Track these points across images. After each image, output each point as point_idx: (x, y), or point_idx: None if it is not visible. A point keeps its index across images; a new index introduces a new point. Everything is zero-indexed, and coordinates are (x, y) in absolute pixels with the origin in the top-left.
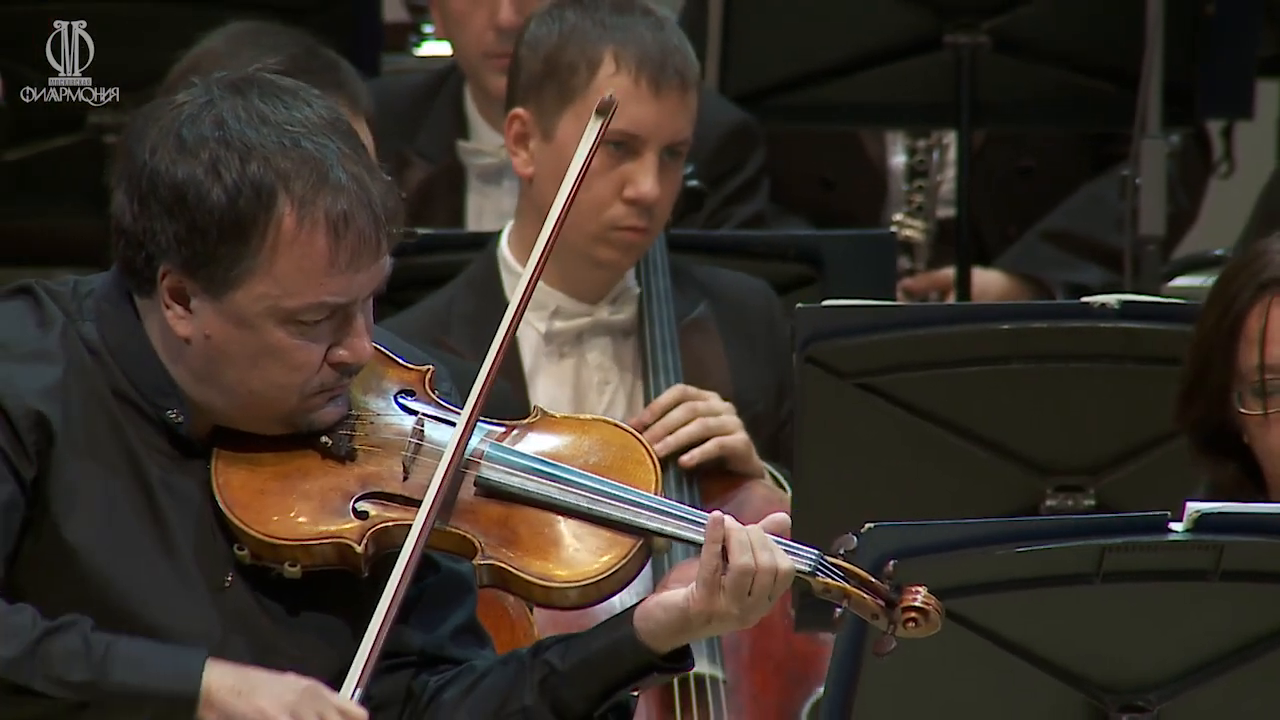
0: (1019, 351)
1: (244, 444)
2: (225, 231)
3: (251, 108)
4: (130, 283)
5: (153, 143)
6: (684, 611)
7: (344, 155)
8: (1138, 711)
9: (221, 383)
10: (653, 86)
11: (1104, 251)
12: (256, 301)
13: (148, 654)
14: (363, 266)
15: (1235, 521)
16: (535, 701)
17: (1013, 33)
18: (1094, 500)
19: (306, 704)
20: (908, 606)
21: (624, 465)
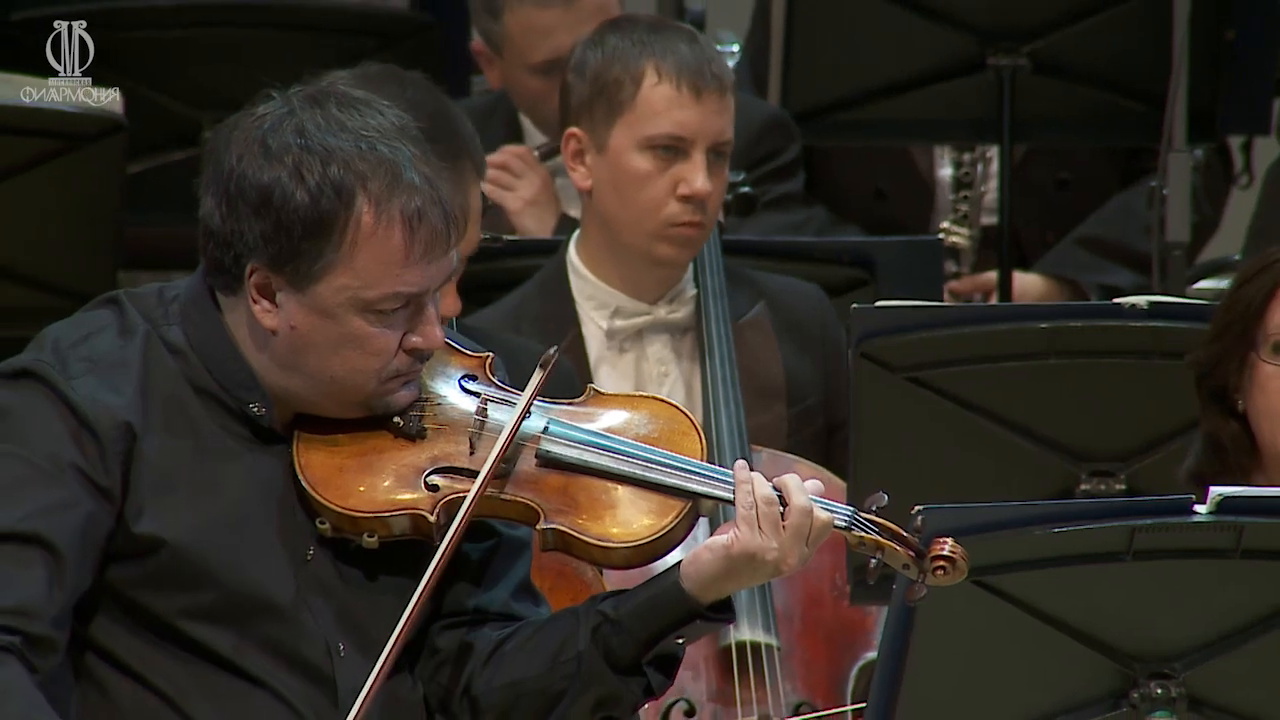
0: (1056, 348)
1: (322, 427)
2: (309, 229)
3: (330, 116)
4: (218, 281)
5: (238, 151)
6: (727, 550)
7: (415, 158)
8: (1165, 679)
9: (305, 370)
10: (694, 91)
11: (1133, 256)
12: (338, 293)
13: None
14: (434, 259)
15: (1255, 504)
16: (588, 648)
17: (1050, 56)
18: (1125, 485)
19: None
20: (936, 556)
21: (671, 436)
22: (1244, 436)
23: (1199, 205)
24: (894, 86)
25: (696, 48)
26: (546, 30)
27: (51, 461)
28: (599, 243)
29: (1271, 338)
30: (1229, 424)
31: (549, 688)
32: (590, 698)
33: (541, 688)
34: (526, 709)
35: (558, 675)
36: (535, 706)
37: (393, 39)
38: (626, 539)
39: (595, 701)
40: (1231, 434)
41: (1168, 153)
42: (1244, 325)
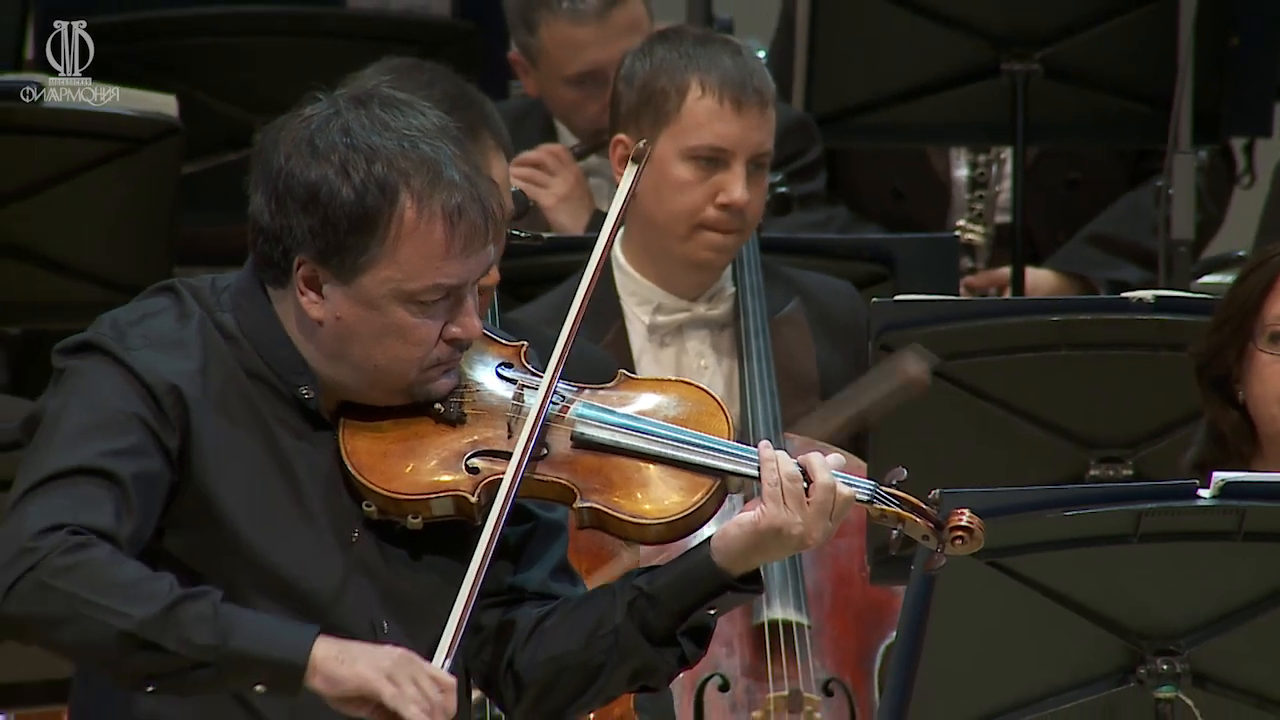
0: (1067, 340)
1: (367, 414)
2: (354, 224)
3: (374, 116)
4: (267, 275)
5: (287, 150)
6: (755, 525)
7: (456, 156)
8: (1170, 655)
9: (350, 359)
10: (735, 105)
11: (1141, 253)
12: (382, 285)
13: (266, 626)
14: (473, 253)
15: (1255, 489)
16: (624, 621)
17: (1061, 62)
18: (1132, 470)
19: (401, 670)
20: (954, 526)
21: (699, 417)
22: (1244, 425)
23: (1203, 204)
24: (912, 91)
25: (740, 61)
26: (579, 45)
27: (120, 413)
28: (642, 243)
29: (1269, 328)
30: (1229, 413)
31: (589, 661)
32: (628, 668)
33: (581, 661)
34: (567, 681)
35: (596, 649)
36: (576, 679)
37: (435, 46)
38: (660, 515)
39: (632, 672)
40: (1232, 422)
41: (1173, 154)
42: (1243, 317)
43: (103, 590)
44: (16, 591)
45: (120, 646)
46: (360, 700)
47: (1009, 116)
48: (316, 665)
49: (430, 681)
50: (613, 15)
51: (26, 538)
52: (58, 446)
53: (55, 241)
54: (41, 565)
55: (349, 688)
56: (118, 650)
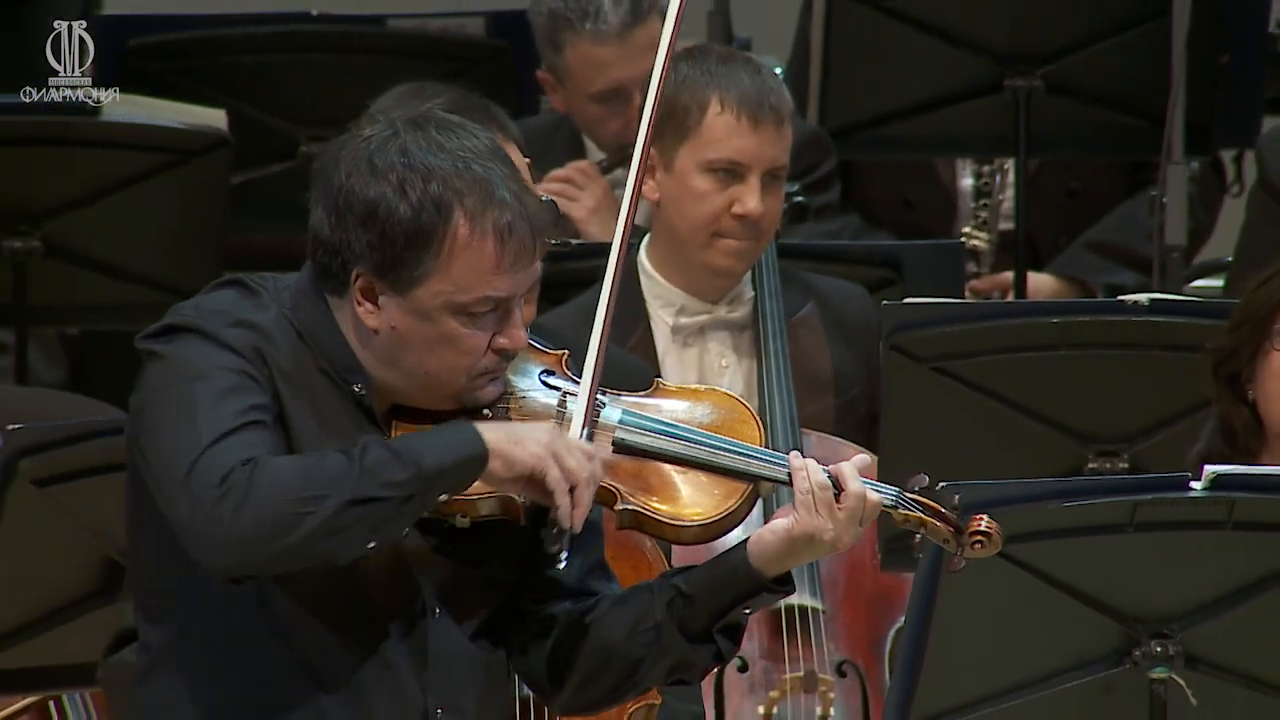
0: (1066, 341)
1: (417, 417)
2: (410, 240)
3: (430, 138)
4: (325, 284)
5: (347, 168)
6: (788, 531)
7: (506, 176)
8: (1164, 638)
9: (404, 366)
10: (752, 122)
11: (1136, 258)
12: (435, 297)
13: (432, 440)
14: (522, 268)
15: (1245, 481)
16: (664, 618)
17: (1062, 78)
18: (1128, 463)
19: (559, 443)
20: (974, 531)
21: (732, 424)
22: (1253, 421)
23: (1195, 212)
24: (920, 106)
25: (758, 80)
26: (602, 64)
27: (237, 375)
28: (665, 249)
29: None
30: (1240, 409)
31: (629, 654)
32: (666, 663)
33: (622, 654)
34: (608, 673)
35: (636, 643)
36: (616, 671)
37: (470, 63)
38: (696, 518)
39: (670, 666)
40: (1242, 418)
41: (1167, 165)
42: (1260, 319)
43: (300, 487)
44: (233, 536)
45: (340, 520)
46: (528, 479)
47: (1012, 129)
48: (492, 450)
49: (581, 454)
50: (634, 35)
51: (213, 489)
52: (203, 419)
53: (112, 247)
54: (238, 504)
55: (522, 468)
56: (340, 524)
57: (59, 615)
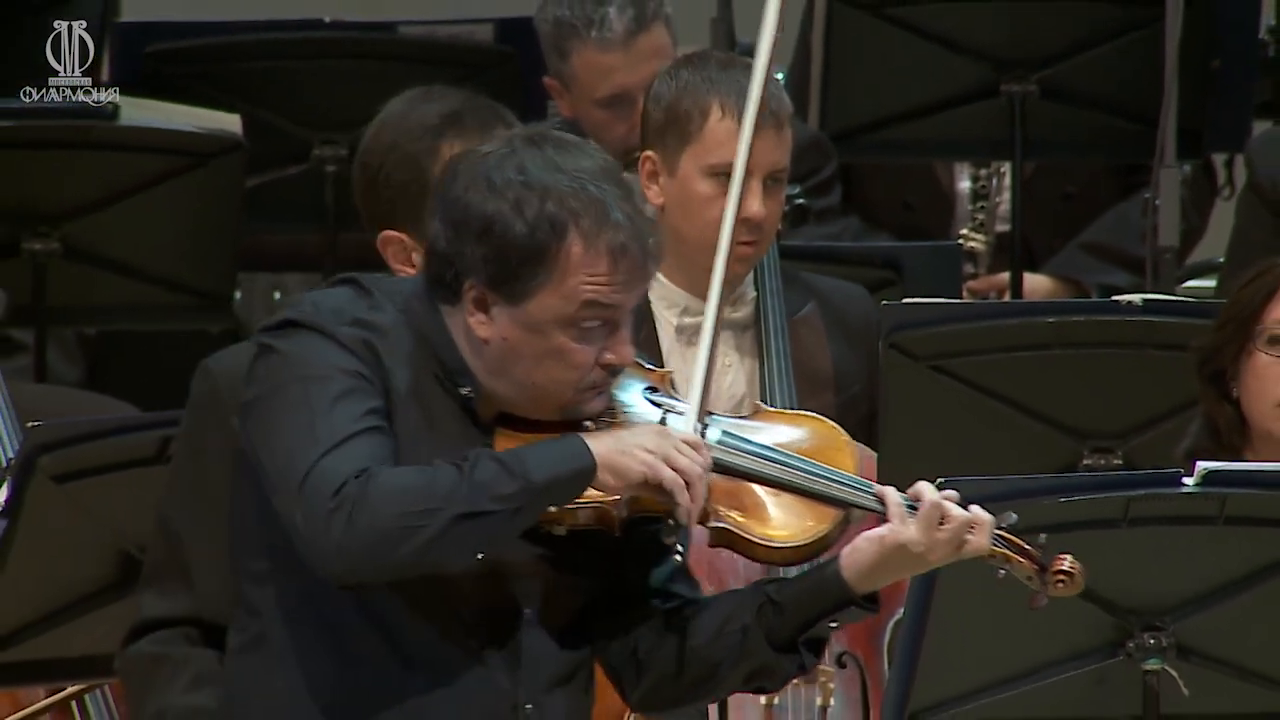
0: (1061, 340)
1: (521, 425)
2: (525, 257)
3: (547, 157)
4: (438, 294)
5: (465, 183)
6: (881, 540)
7: (620, 198)
8: (1156, 631)
9: (512, 377)
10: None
11: (1130, 259)
12: (546, 311)
13: (541, 452)
14: (632, 287)
15: (1236, 477)
16: (752, 623)
17: (1057, 83)
18: (1122, 460)
19: (667, 443)
20: (1057, 570)
21: (827, 451)
22: (1237, 419)
23: (1187, 214)
24: (919, 110)
25: None
26: (608, 70)
27: (353, 377)
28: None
29: (1268, 331)
30: (1224, 407)
31: (711, 656)
32: (747, 667)
33: (705, 656)
34: (689, 673)
35: (721, 645)
36: (697, 671)
37: (478, 68)
38: (787, 540)
39: (751, 671)
40: (1226, 416)
41: (1159, 168)
42: (1244, 319)
43: (414, 498)
44: (345, 547)
45: (451, 534)
46: (641, 484)
47: (1008, 133)
48: (601, 462)
49: (690, 449)
50: (638, 42)
51: (327, 500)
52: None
53: (129, 249)
54: (351, 516)
55: (634, 476)
56: (451, 538)
57: (77, 608)
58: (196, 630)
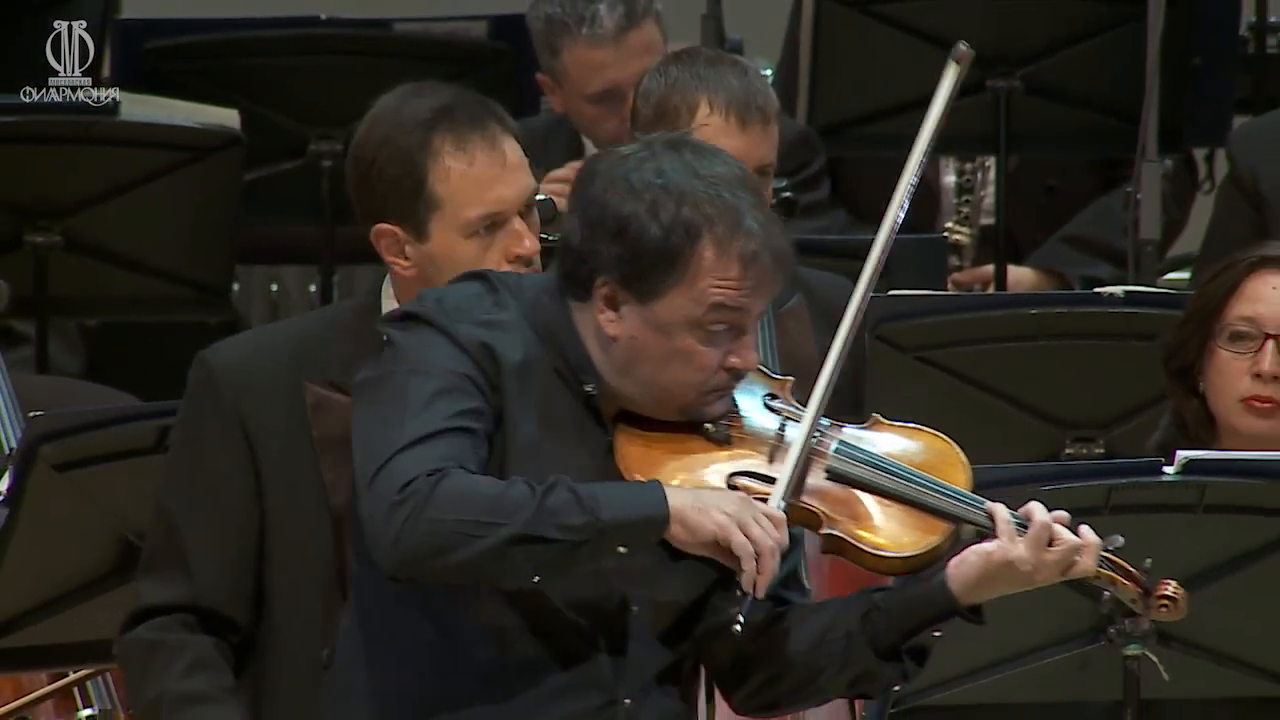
0: (1044, 331)
1: (642, 423)
2: (658, 258)
3: (685, 162)
4: (570, 290)
5: (604, 183)
6: (988, 556)
7: (753, 205)
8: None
9: (637, 376)
10: (739, 122)
11: (1112, 252)
12: (675, 312)
13: (619, 492)
14: (761, 294)
15: (1215, 466)
16: (857, 629)
17: (1040, 79)
18: (1103, 449)
19: (746, 513)
20: (1161, 595)
21: (942, 466)
22: (1203, 412)
23: (1168, 208)
24: (905, 105)
25: (746, 82)
26: (598, 66)
27: (458, 377)
28: None
29: (1229, 327)
30: (1190, 401)
31: (814, 661)
32: (850, 673)
33: (808, 660)
34: (791, 676)
35: (825, 651)
36: (798, 675)
37: (472, 65)
38: (897, 551)
39: (853, 677)
40: (1192, 410)
41: (1141, 162)
42: (1207, 316)
43: (477, 508)
44: (404, 540)
45: (508, 551)
46: (713, 544)
47: (993, 128)
48: (674, 515)
49: (768, 522)
50: (628, 39)
51: (394, 493)
52: (411, 417)
53: (129, 242)
54: (416, 509)
55: (706, 535)
56: (507, 554)
57: (78, 594)
58: (194, 617)
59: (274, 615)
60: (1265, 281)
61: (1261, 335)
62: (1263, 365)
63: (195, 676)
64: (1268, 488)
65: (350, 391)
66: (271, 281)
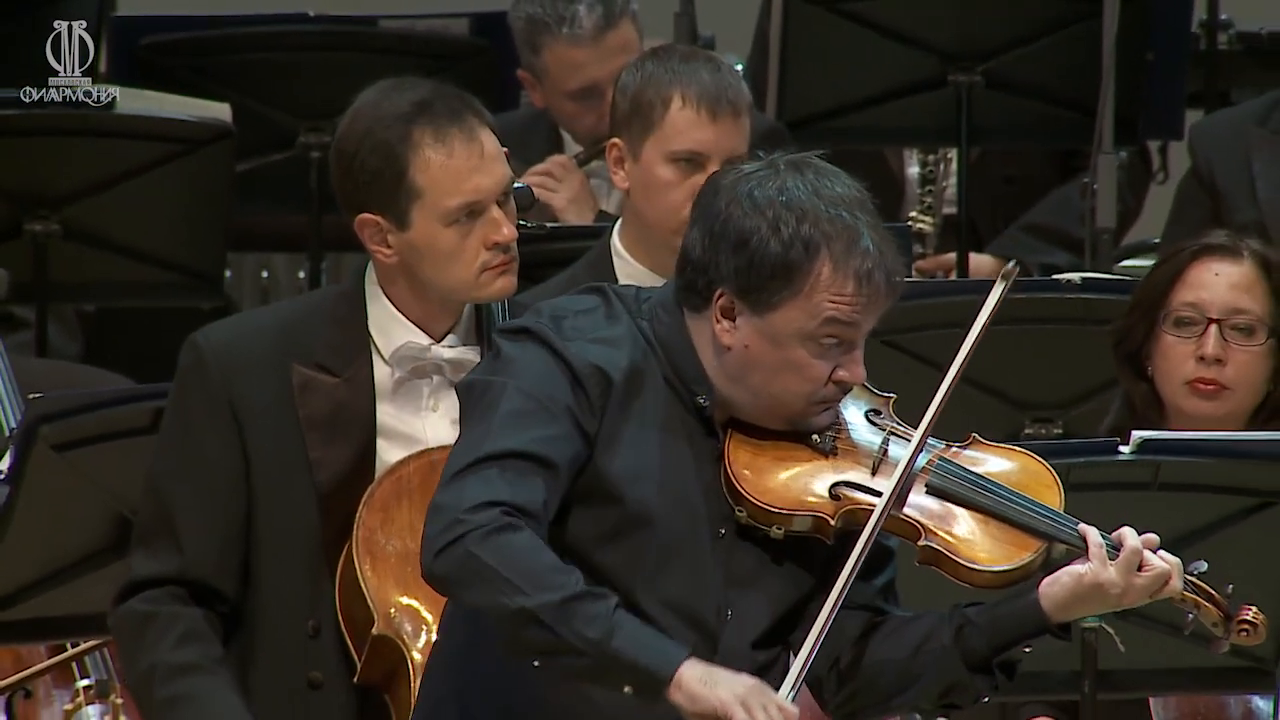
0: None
1: (751, 431)
2: (776, 272)
3: (807, 181)
4: (688, 299)
5: (727, 198)
6: (1079, 578)
7: (870, 225)
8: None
9: (749, 384)
10: (710, 115)
11: (1069, 240)
12: (789, 324)
13: (648, 637)
14: (873, 311)
15: (1169, 446)
16: (951, 643)
17: (1000, 74)
18: (1062, 429)
19: (754, 698)
20: (1242, 620)
21: (1036, 486)
22: (1151, 395)
23: (1123, 198)
24: (871, 100)
25: (718, 77)
26: (577, 64)
27: (551, 401)
28: (635, 233)
29: (1174, 313)
30: (1139, 385)
31: (908, 671)
32: (942, 684)
33: (901, 670)
34: (884, 684)
35: (919, 661)
36: (891, 683)
37: (455, 60)
38: (991, 564)
39: (945, 688)
40: (1141, 393)
41: (1097, 154)
42: (1153, 303)
43: (517, 569)
44: (445, 554)
45: (516, 620)
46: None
47: (955, 121)
48: (681, 681)
49: (778, 710)
50: (606, 38)
51: (463, 509)
52: (497, 428)
53: (125, 230)
54: (470, 536)
55: (706, 706)
56: (513, 622)
57: (76, 569)
58: (184, 589)
59: (260, 587)
60: (1208, 268)
61: (1205, 320)
62: (1206, 349)
63: (187, 647)
64: (1218, 466)
65: (335, 372)
66: (262, 268)
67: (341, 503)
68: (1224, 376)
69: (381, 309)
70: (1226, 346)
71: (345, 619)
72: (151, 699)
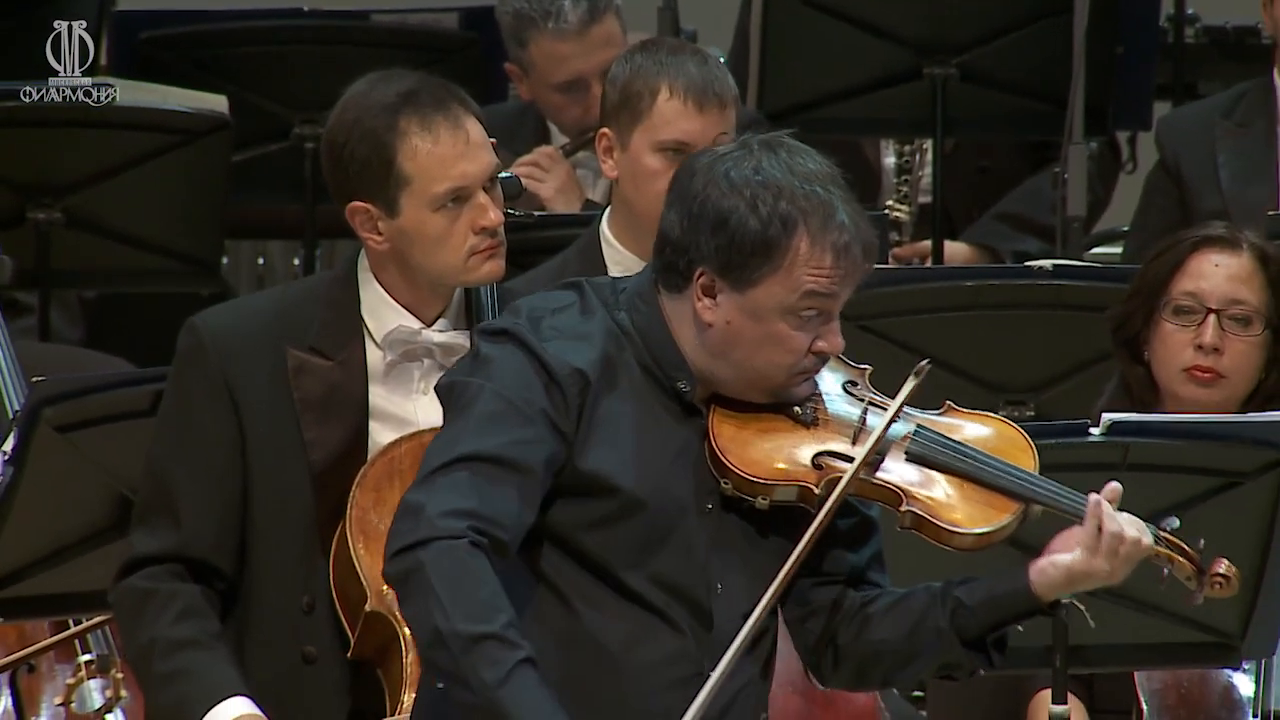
0: (978, 302)
1: (734, 406)
2: (755, 249)
3: (780, 160)
4: (665, 280)
5: (704, 180)
6: (1069, 568)
7: (844, 199)
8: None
9: (731, 360)
10: (697, 106)
11: (1041, 228)
12: (770, 299)
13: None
14: (849, 282)
15: (1138, 428)
16: (947, 625)
17: (974, 67)
18: (1034, 411)
19: None
20: (1215, 573)
21: (1011, 450)
22: (1147, 379)
23: (1093, 187)
24: (848, 92)
25: (705, 69)
26: (563, 58)
27: (526, 404)
28: (624, 221)
29: (1173, 302)
30: (1136, 369)
31: (905, 650)
32: (939, 661)
33: (899, 649)
34: (884, 662)
35: (916, 642)
36: (890, 662)
37: (445, 53)
38: (972, 527)
39: (943, 664)
40: (1138, 377)
41: (1068, 144)
42: (1152, 290)
43: (452, 592)
44: (402, 557)
45: (430, 636)
46: None
47: (930, 113)
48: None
49: None
50: (591, 32)
51: (436, 513)
52: (471, 429)
53: (125, 218)
54: (431, 545)
55: None
56: (427, 638)
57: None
58: (182, 566)
59: (256, 564)
60: (1208, 259)
61: (1204, 309)
62: (1204, 338)
63: (185, 623)
64: (1184, 448)
65: (329, 355)
66: (258, 255)
67: (335, 482)
68: (1220, 365)
69: (373, 294)
70: (1224, 336)
71: (339, 596)
72: (151, 673)
